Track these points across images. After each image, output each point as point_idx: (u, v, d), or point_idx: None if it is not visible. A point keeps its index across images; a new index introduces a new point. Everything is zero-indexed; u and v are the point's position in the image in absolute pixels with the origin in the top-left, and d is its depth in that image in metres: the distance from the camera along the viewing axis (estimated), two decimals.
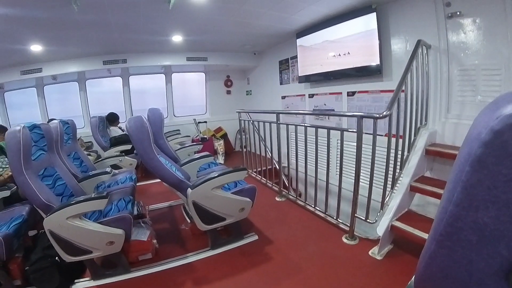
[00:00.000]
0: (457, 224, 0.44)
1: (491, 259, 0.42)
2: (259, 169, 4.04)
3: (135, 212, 2.54)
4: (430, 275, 0.54)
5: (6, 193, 2.38)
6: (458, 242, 0.45)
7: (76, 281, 1.97)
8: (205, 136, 5.66)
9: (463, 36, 2.45)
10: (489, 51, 2.30)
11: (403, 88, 2.25)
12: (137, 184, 2.89)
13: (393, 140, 2.19)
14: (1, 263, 1.81)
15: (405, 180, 2.23)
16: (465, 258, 0.45)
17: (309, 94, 4.54)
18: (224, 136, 6.47)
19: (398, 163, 2.31)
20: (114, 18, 3.17)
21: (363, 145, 2.14)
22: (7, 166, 2.55)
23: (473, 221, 0.41)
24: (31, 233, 2.34)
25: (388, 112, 2.01)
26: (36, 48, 3.84)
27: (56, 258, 1.95)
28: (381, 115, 1.99)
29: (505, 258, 0.40)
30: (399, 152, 2.28)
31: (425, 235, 1.85)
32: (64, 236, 1.72)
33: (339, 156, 2.44)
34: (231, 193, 2.16)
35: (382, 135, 2.21)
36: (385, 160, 2.20)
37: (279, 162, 3.36)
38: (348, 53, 3.52)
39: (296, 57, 4.51)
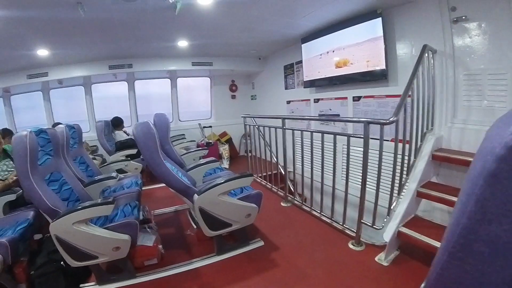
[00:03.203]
0: (470, 236, 0.45)
1: (503, 271, 0.43)
2: (264, 174, 4.03)
3: (141, 217, 2.53)
4: (442, 285, 0.54)
5: (12, 197, 2.40)
6: (470, 254, 0.46)
7: (81, 285, 1.97)
8: (210, 141, 5.68)
9: (469, 41, 2.44)
10: (495, 55, 2.29)
11: (410, 93, 2.24)
12: (143, 188, 2.90)
13: (399, 145, 2.17)
14: (6, 266, 1.80)
15: (411, 186, 2.21)
16: (477, 270, 0.46)
17: (314, 99, 4.55)
18: (229, 141, 6.48)
19: (405, 169, 2.29)
20: (121, 23, 3.20)
21: (369, 150, 2.13)
22: (12, 169, 2.56)
23: (486, 234, 0.42)
24: (36, 237, 2.35)
25: (395, 118, 2.00)
26: (42, 52, 3.89)
27: (62, 262, 1.96)
28: (388, 121, 1.98)
29: None
30: (406, 158, 2.27)
31: (431, 241, 1.83)
32: (70, 241, 1.72)
33: (345, 161, 2.42)
34: (237, 199, 2.15)
35: (388, 140, 2.20)
36: (391, 166, 2.19)
37: (285, 167, 3.35)
38: (354, 57, 3.52)
39: (301, 62, 4.52)
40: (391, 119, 1.99)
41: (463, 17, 2.43)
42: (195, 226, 2.41)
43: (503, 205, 0.39)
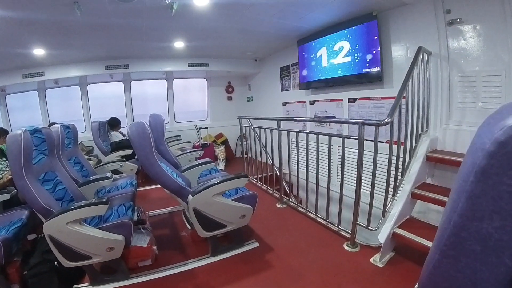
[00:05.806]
0: (461, 234, 0.44)
1: (496, 269, 0.42)
2: (260, 175, 4.02)
3: (135, 218, 2.52)
4: (434, 284, 0.54)
5: (6, 197, 2.37)
6: (462, 252, 0.45)
7: (74, 286, 1.95)
8: (206, 142, 5.66)
9: (464, 43, 2.46)
10: (490, 58, 2.31)
11: (404, 95, 2.25)
12: (138, 189, 2.88)
13: (394, 146, 2.18)
14: None
15: (406, 187, 2.22)
16: (469, 268, 0.45)
17: (310, 101, 4.56)
18: (225, 142, 6.47)
19: (400, 170, 2.30)
20: (117, 23, 3.19)
21: (364, 152, 2.13)
22: (7, 169, 2.55)
23: (477, 231, 0.42)
24: (30, 237, 2.33)
25: (390, 119, 2.00)
26: (39, 52, 3.87)
27: (55, 263, 1.94)
28: (382, 122, 1.99)
29: (509, 267, 0.41)
30: (401, 159, 2.28)
31: (427, 242, 1.83)
32: (63, 241, 1.71)
33: (340, 162, 2.43)
34: (232, 199, 2.15)
35: (383, 142, 2.21)
36: (386, 167, 2.19)
37: (280, 168, 3.35)
38: (349, 59, 3.54)
39: (297, 63, 4.53)
40: (385, 120, 2.00)
41: (458, 20, 2.44)
42: (189, 227, 2.41)
43: (494, 202, 0.39)
